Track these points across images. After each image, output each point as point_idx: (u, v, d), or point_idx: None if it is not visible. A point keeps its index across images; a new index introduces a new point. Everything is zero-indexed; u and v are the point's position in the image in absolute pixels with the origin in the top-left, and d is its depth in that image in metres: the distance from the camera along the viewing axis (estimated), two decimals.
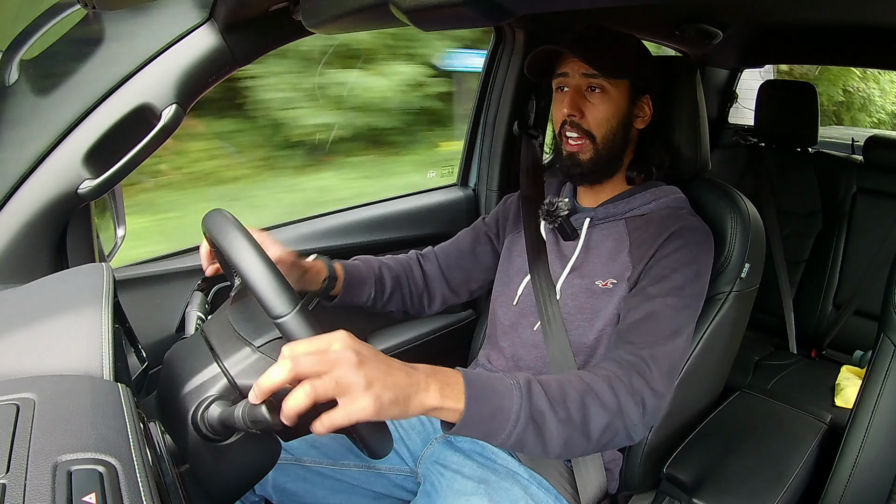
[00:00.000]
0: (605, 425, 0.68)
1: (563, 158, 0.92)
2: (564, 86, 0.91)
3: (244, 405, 0.60)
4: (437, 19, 0.54)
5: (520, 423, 0.63)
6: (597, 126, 0.89)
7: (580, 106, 0.89)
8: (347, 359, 0.52)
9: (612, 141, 0.90)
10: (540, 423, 0.64)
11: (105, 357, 0.56)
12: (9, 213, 0.87)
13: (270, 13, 0.93)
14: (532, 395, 0.64)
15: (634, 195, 0.93)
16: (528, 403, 0.64)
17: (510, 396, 0.63)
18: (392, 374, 0.55)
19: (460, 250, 1.09)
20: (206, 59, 0.92)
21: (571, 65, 0.89)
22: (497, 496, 0.82)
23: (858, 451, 0.84)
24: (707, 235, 0.88)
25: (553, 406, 0.65)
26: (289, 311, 0.58)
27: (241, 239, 0.64)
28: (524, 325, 0.95)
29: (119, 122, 0.89)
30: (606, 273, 0.89)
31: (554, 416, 0.65)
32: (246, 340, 0.71)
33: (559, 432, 0.65)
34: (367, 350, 0.55)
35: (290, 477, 0.93)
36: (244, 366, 0.68)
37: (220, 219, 0.69)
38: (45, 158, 0.89)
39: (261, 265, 0.61)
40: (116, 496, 0.37)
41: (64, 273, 0.83)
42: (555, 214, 0.93)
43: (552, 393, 0.66)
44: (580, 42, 0.88)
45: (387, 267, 1.04)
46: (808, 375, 1.61)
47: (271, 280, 0.60)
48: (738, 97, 2.19)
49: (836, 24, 1.57)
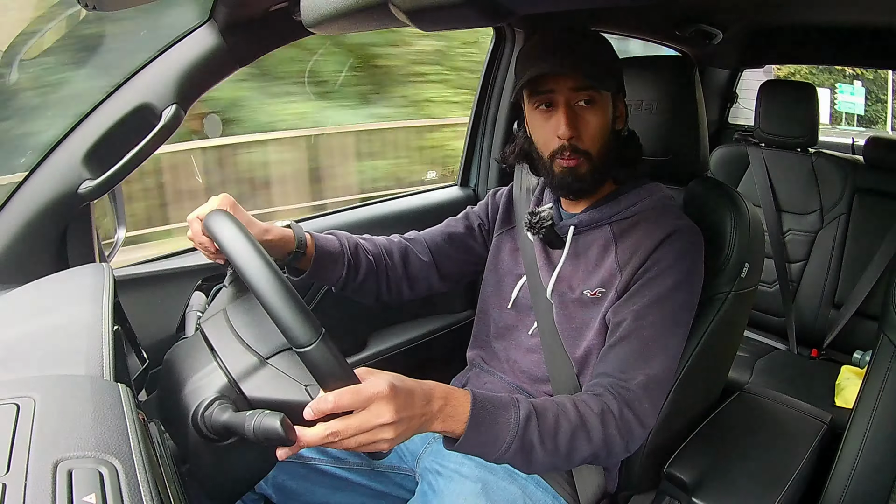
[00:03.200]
0: (587, 456, 0.75)
1: (558, 176, 0.87)
2: (549, 102, 0.84)
3: (256, 418, 0.58)
4: (438, 19, 0.54)
5: (510, 451, 0.70)
6: (592, 143, 0.85)
7: (576, 125, 0.84)
8: (384, 421, 0.60)
9: (607, 152, 0.87)
10: (528, 452, 0.71)
11: (105, 357, 0.56)
12: (9, 213, 0.87)
13: (270, 13, 0.93)
14: (527, 430, 0.71)
15: (619, 198, 0.91)
16: (521, 437, 0.70)
17: (506, 429, 0.70)
18: (412, 424, 0.63)
19: (452, 240, 1.05)
20: (207, 59, 0.92)
21: (558, 80, 0.82)
22: (495, 496, 0.82)
23: (858, 452, 0.84)
24: (697, 235, 0.86)
25: (543, 440, 0.72)
26: (313, 340, 0.57)
27: (256, 259, 0.61)
28: (520, 328, 0.95)
29: (119, 122, 0.89)
30: (594, 282, 0.87)
31: (542, 448, 0.72)
32: (252, 350, 0.69)
33: (543, 460, 0.73)
34: (404, 403, 0.62)
35: (290, 475, 0.93)
36: (255, 380, 0.66)
37: (229, 228, 0.66)
38: (45, 158, 0.89)
39: (282, 292, 0.58)
40: (117, 496, 0.37)
41: (64, 273, 0.83)
42: (538, 226, 0.90)
43: (546, 427, 0.72)
44: (566, 53, 0.82)
45: (363, 249, 0.97)
46: (808, 375, 1.61)
47: (293, 308, 0.58)
48: (738, 97, 2.20)
49: (836, 24, 1.58)
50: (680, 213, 0.89)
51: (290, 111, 3.02)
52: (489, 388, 0.96)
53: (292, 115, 3.05)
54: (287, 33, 0.98)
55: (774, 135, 1.79)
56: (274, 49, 0.99)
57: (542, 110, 0.86)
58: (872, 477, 0.82)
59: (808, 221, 1.77)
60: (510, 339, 0.96)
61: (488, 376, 0.97)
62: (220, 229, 0.67)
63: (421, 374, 0.69)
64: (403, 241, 1.04)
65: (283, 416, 0.57)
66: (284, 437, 0.57)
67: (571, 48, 0.83)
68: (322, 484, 0.94)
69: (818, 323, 1.74)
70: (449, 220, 1.09)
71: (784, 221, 1.80)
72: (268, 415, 0.58)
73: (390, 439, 0.61)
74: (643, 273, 0.83)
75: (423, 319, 1.41)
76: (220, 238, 0.66)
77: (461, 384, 1.01)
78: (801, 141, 1.76)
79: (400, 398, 0.61)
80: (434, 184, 1.60)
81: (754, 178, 1.82)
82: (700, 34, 1.60)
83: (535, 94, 0.85)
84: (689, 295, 0.84)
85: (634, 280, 0.84)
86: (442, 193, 1.55)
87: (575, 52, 0.83)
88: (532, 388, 0.92)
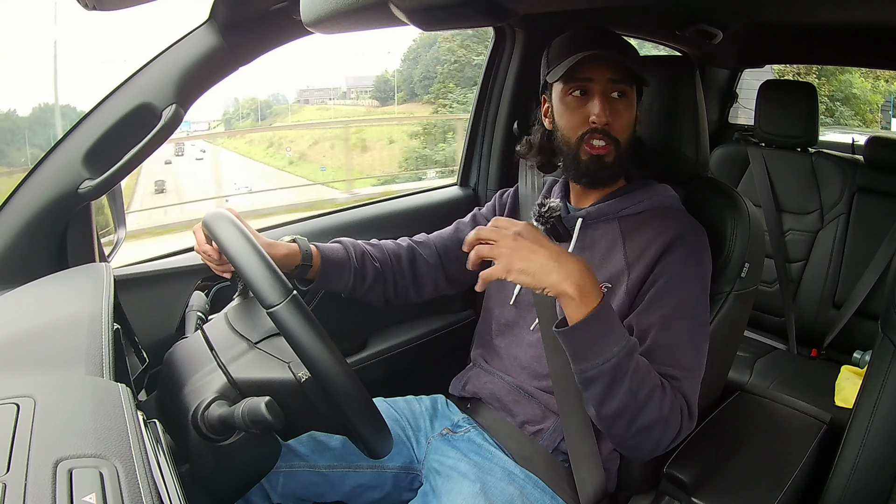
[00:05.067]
0: (651, 420, 0.75)
1: (584, 162, 0.89)
2: (585, 90, 0.88)
3: (244, 405, 0.60)
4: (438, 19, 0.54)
5: (606, 366, 0.71)
6: (622, 132, 0.89)
7: (609, 113, 0.87)
8: (508, 237, 0.72)
9: (631, 145, 0.91)
10: (617, 378, 0.71)
11: (105, 357, 0.56)
12: (9, 213, 0.87)
13: (270, 13, 0.93)
14: (630, 357, 0.72)
15: (627, 194, 0.93)
16: (621, 359, 0.71)
17: (618, 342, 0.72)
18: (538, 253, 0.71)
19: (459, 242, 1.04)
20: (207, 59, 0.92)
21: (597, 70, 0.86)
22: (493, 496, 0.82)
23: (858, 452, 0.83)
24: (704, 235, 0.89)
25: (633, 377, 0.72)
26: (280, 300, 0.59)
27: (232, 229, 0.65)
28: (521, 324, 0.95)
29: (119, 122, 0.89)
30: (601, 276, 0.88)
31: (629, 383, 0.72)
32: (243, 337, 0.71)
33: (621, 398, 0.72)
34: (529, 239, 0.72)
35: (300, 483, 0.91)
36: (242, 361, 0.68)
37: (217, 215, 0.70)
38: (45, 158, 0.89)
39: (252, 254, 0.62)
40: (117, 496, 0.37)
41: (64, 273, 0.83)
42: (547, 216, 0.93)
43: (641, 367, 0.73)
44: (610, 44, 0.87)
45: (370, 256, 1.00)
46: (808, 375, 1.61)
47: (262, 269, 0.60)
48: (738, 97, 2.19)
49: (836, 24, 1.58)
50: (686, 214, 0.92)
51: None
52: (489, 389, 0.96)
53: None
54: (287, 33, 0.98)
55: (774, 134, 1.79)
56: (274, 48, 0.99)
57: (575, 97, 0.89)
58: (873, 477, 0.82)
59: (809, 221, 1.77)
60: (512, 336, 0.96)
61: (489, 376, 0.98)
62: (217, 222, 0.69)
63: (421, 374, 0.69)
64: (412, 245, 1.06)
65: (270, 399, 0.59)
66: (271, 419, 0.57)
67: (613, 40, 0.89)
68: (333, 491, 0.93)
69: (818, 323, 1.74)
70: (458, 222, 1.11)
71: (784, 221, 1.80)
72: (255, 400, 0.59)
73: (509, 248, 0.71)
74: (658, 277, 0.85)
75: (423, 319, 1.41)
76: (208, 224, 0.70)
77: (461, 384, 1.01)
78: (801, 140, 1.76)
79: (530, 231, 0.73)
80: None
81: (754, 178, 1.82)
82: (700, 34, 1.60)
83: (570, 80, 0.88)
84: (705, 293, 0.87)
85: (650, 284, 0.85)
86: (442, 193, 1.55)
87: (616, 43, 0.89)
88: (533, 384, 0.92)
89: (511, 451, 0.91)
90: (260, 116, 13.97)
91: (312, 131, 11.18)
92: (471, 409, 0.98)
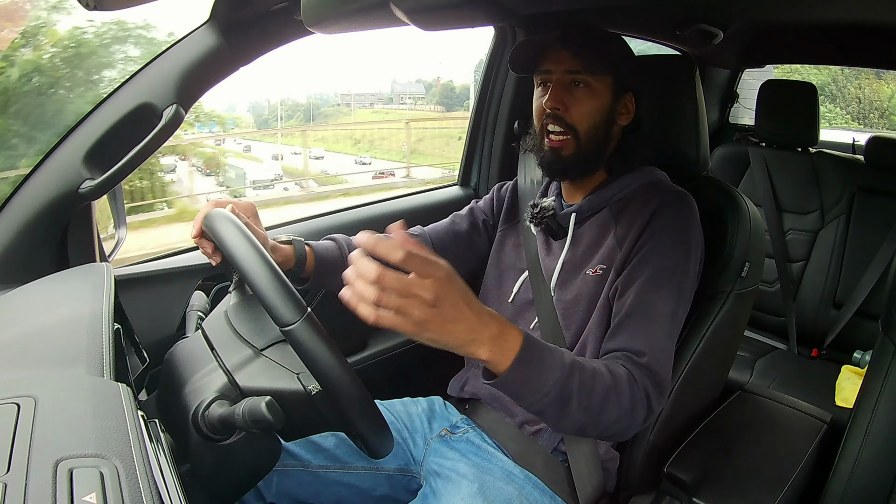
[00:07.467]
0: (612, 420, 0.73)
1: (545, 154, 0.92)
2: (547, 81, 0.90)
3: (245, 404, 0.60)
4: (438, 19, 0.54)
5: (547, 399, 0.67)
6: (580, 120, 0.89)
7: (563, 100, 0.88)
8: (423, 299, 0.56)
9: (595, 137, 0.90)
10: (565, 402, 0.68)
11: (105, 356, 0.56)
12: (9, 213, 0.87)
13: (271, 13, 0.93)
14: (570, 378, 0.68)
15: (615, 181, 0.94)
16: (563, 385, 0.68)
17: (552, 371, 0.67)
18: (453, 328, 0.58)
19: (456, 237, 1.07)
20: (208, 59, 0.92)
21: (555, 61, 0.89)
22: (492, 496, 0.82)
23: (858, 451, 0.83)
24: (691, 202, 0.88)
25: (581, 393, 0.69)
26: (296, 319, 0.59)
27: (244, 243, 0.63)
28: (520, 323, 0.95)
29: (120, 122, 0.89)
30: (595, 260, 0.89)
31: (578, 401, 0.69)
32: (248, 343, 0.70)
33: (575, 415, 0.70)
34: (448, 305, 0.57)
35: (296, 483, 0.92)
36: (249, 370, 0.67)
37: (223, 220, 0.69)
38: (46, 158, 0.89)
39: (266, 272, 0.60)
40: (117, 496, 0.37)
41: (64, 273, 0.83)
42: (540, 217, 0.94)
43: (585, 380, 0.70)
44: (565, 38, 0.88)
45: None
46: (808, 375, 1.61)
47: (278, 288, 0.60)
48: (738, 97, 2.19)
49: (836, 24, 1.57)
50: (672, 185, 0.92)
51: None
52: (488, 389, 0.95)
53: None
54: (288, 33, 0.98)
55: (775, 134, 1.79)
56: (275, 48, 0.99)
57: (540, 87, 0.93)
58: (873, 477, 0.82)
59: (809, 221, 1.77)
60: None
61: None
62: (218, 223, 0.69)
63: (420, 374, 0.69)
64: None
65: (270, 399, 0.58)
66: (271, 419, 0.57)
67: (573, 34, 0.90)
68: (328, 491, 0.93)
69: (818, 323, 1.73)
70: (454, 215, 1.11)
71: (784, 221, 1.80)
72: (255, 399, 0.59)
73: (419, 320, 0.56)
74: (641, 246, 0.85)
75: None
76: (215, 229, 0.69)
77: (460, 384, 1.01)
78: (802, 140, 1.76)
79: (451, 293, 0.57)
80: None
81: (755, 178, 1.82)
82: (701, 34, 1.60)
83: (537, 75, 0.92)
84: (687, 262, 0.85)
85: (634, 253, 0.85)
86: (442, 193, 1.56)
87: (574, 37, 0.89)
88: None
89: (510, 451, 0.91)
90: (311, 117, 15.22)
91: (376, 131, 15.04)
92: (469, 410, 0.98)
